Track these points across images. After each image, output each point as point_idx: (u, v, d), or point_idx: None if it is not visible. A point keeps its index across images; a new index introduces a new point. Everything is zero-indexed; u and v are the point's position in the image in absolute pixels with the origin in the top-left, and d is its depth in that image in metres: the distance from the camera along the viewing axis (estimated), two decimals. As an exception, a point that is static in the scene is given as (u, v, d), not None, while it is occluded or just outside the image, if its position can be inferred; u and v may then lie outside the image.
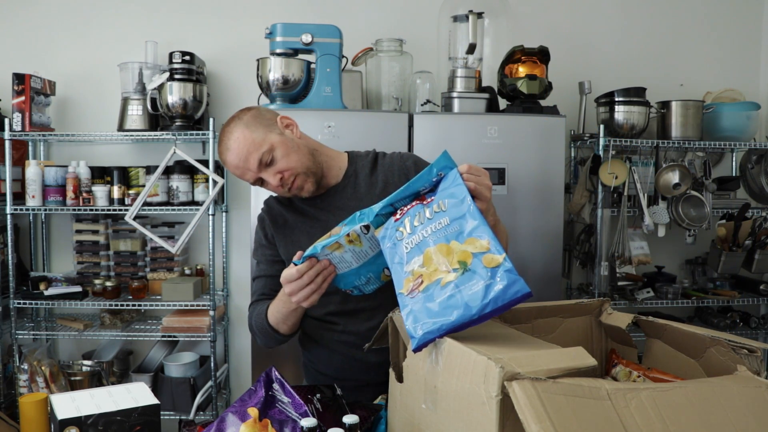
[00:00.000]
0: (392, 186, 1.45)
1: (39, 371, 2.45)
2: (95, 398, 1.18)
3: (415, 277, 0.96)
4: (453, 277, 0.92)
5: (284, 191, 1.40)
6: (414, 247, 1.00)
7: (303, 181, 1.39)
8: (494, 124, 2.15)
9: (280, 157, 1.36)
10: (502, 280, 0.88)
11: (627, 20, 2.88)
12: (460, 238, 0.96)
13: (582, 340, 1.27)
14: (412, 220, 1.04)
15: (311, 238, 1.42)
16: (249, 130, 1.36)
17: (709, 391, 0.85)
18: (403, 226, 1.04)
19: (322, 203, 1.46)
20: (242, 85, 2.75)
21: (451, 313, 0.89)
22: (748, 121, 2.60)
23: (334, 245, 1.14)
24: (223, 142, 1.38)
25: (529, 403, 0.73)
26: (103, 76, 2.74)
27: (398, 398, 1.06)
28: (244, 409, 1.11)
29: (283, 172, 1.36)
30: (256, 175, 1.37)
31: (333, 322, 1.46)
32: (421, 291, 0.94)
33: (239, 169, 1.37)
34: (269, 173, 1.36)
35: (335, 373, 1.48)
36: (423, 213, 1.03)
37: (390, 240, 1.06)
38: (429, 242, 0.98)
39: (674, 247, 2.85)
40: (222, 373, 2.72)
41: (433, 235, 0.98)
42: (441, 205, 1.02)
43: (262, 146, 1.34)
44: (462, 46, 2.32)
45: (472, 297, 0.89)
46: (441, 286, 0.92)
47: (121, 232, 2.72)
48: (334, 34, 2.27)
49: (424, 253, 0.97)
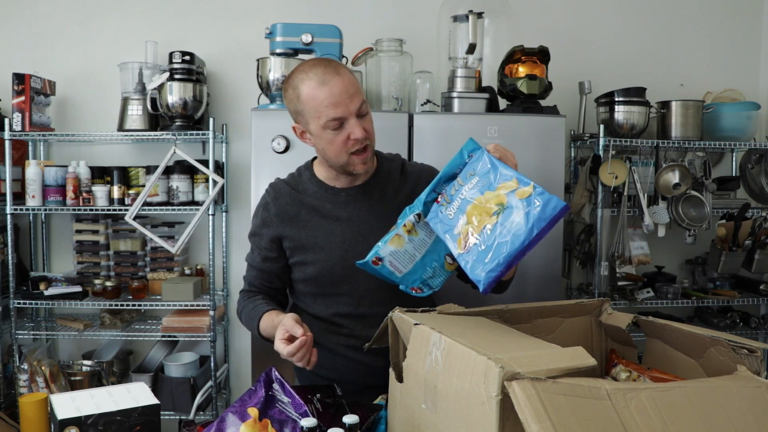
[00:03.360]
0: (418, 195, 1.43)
1: (39, 371, 2.45)
2: (95, 398, 1.18)
3: (464, 234, 1.05)
4: (495, 219, 1.02)
5: (347, 152, 1.33)
6: (456, 211, 1.08)
7: (370, 156, 1.37)
8: (494, 124, 2.15)
9: (369, 121, 1.35)
10: (538, 203, 0.98)
11: (627, 20, 2.88)
12: (491, 188, 1.06)
13: (582, 340, 1.27)
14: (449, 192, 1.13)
15: (330, 235, 1.40)
16: (356, 79, 1.33)
17: (709, 391, 0.85)
18: (443, 200, 1.13)
19: (347, 198, 1.42)
20: (242, 85, 2.75)
21: (503, 247, 0.99)
22: (748, 121, 2.59)
23: (395, 238, 1.15)
24: (328, 66, 1.30)
25: (529, 403, 0.73)
26: (103, 76, 2.74)
27: (398, 398, 1.06)
28: (244, 409, 1.11)
29: (367, 130, 1.33)
30: (347, 112, 1.29)
31: (340, 325, 1.44)
32: (473, 244, 1.04)
33: (338, 97, 1.27)
34: (359, 121, 1.31)
35: (337, 376, 1.44)
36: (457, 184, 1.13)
37: (437, 218, 1.12)
38: (467, 202, 1.07)
39: (674, 247, 2.85)
40: (222, 373, 2.72)
41: (468, 194, 1.08)
42: (472, 172, 1.12)
43: (363, 98, 1.33)
44: (462, 46, 2.32)
45: (517, 227, 0.99)
46: (489, 232, 1.02)
47: (121, 232, 2.72)
48: (334, 34, 2.27)
49: (466, 212, 1.06)
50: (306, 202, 1.44)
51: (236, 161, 2.80)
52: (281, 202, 1.45)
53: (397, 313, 1.11)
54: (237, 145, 2.80)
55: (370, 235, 1.40)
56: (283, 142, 2.11)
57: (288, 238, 1.44)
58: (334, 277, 1.41)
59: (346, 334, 1.44)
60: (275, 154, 2.11)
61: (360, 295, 1.42)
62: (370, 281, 1.40)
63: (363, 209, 1.42)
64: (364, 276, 1.39)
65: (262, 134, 2.12)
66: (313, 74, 1.30)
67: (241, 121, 2.75)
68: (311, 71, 1.30)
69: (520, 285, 2.19)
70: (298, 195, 1.45)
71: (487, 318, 1.14)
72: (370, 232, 1.40)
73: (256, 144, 2.13)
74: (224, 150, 2.76)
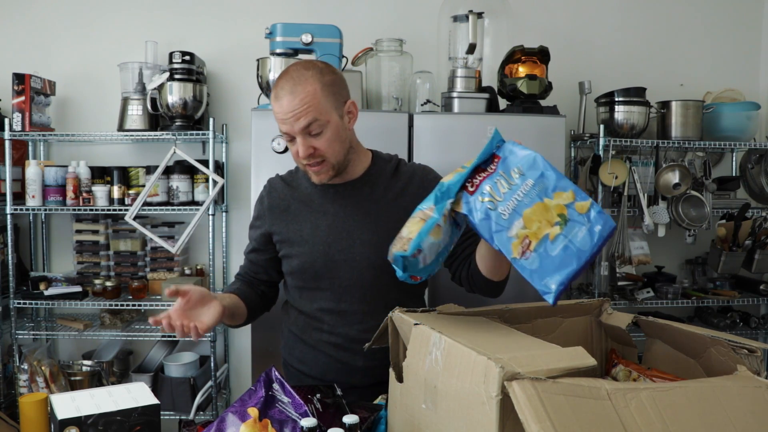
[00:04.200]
0: (409, 194, 1.43)
1: (39, 371, 2.45)
2: (95, 398, 1.18)
3: (521, 239, 1.04)
4: (558, 230, 1.03)
5: (301, 162, 1.34)
6: (512, 212, 1.06)
7: (325, 169, 1.35)
8: (494, 124, 2.14)
9: (325, 138, 1.31)
10: (598, 221, 1.02)
11: (627, 20, 2.88)
12: (548, 194, 1.06)
13: (582, 340, 1.27)
14: (495, 188, 1.09)
15: (315, 229, 1.41)
16: (322, 93, 1.29)
17: (709, 391, 0.85)
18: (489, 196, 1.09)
19: (335, 195, 1.43)
20: (242, 85, 2.75)
21: (571, 261, 1.01)
22: (748, 121, 2.59)
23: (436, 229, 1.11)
24: (289, 80, 1.29)
25: (529, 403, 0.73)
26: (103, 76, 2.74)
27: (398, 398, 1.06)
28: (244, 409, 1.11)
29: (316, 150, 1.32)
30: (292, 132, 1.30)
31: (321, 320, 1.44)
32: (533, 250, 1.03)
33: (285, 116, 1.28)
34: (305, 141, 1.30)
35: (319, 375, 1.45)
36: (503, 181, 1.10)
37: (479, 212, 1.09)
38: (524, 205, 1.06)
39: (674, 247, 2.85)
40: (222, 373, 2.72)
41: (525, 197, 1.06)
42: (518, 170, 1.10)
43: (321, 115, 1.29)
44: (462, 46, 2.32)
45: (582, 243, 1.02)
46: (551, 241, 1.02)
47: (121, 232, 2.72)
48: (334, 34, 2.27)
49: (524, 216, 1.05)
50: (297, 197, 1.46)
51: (236, 161, 2.80)
52: (274, 196, 1.48)
53: (397, 313, 1.11)
54: (237, 145, 2.80)
55: (354, 231, 1.41)
56: (283, 142, 2.11)
57: (277, 232, 1.46)
58: (316, 271, 1.42)
59: (328, 331, 1.44)
60: (275, 154, 2.11)
61: (341, 290, 1.42)
62: (352, 277, 1.41)
63: (350, 205, 1.42)
64: (346, 272, 1.41)
65: (262, 134, 2.12)
66: (278, 84, 1.31)
67: (241, 121, 2.75)
68: (279, 80, 1.32)
69: (520, 285, 2.18)
70: (291, 190, 1.48)
71: (487, 318, 1.14)
72: (353, 228, 1.41)
73: (256, 144, 2.13)
74: (224, 150, 2.76)
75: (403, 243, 1.10)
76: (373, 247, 1.40)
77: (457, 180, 1.12)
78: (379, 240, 1.40)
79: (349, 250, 1.40)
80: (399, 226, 1.42)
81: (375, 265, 1.40)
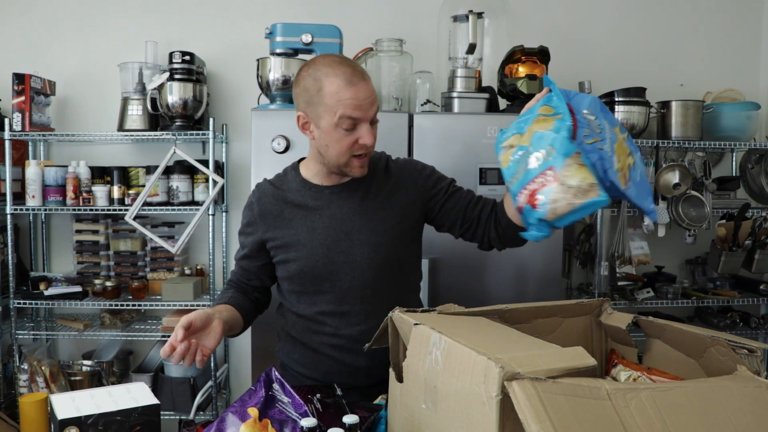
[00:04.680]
0: (402, 190, 1.45)
1: (39, 371, 2.45)
2: (95, 398, 1.18)
3: (623, 170, 1.17)
4: (631, 159, 1.21)
5: (360, 151, 1.35)
6: (610, 149, 1.16)
7: (368, 162, 1.39)
8: (494, 124, 2.15)
9: (376, 130, 1.38)
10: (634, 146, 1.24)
11: (627, 20, 2.88)
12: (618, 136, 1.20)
13: (582, 340, 1.27)
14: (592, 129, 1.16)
15: (312, 232, 1.41)
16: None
17: (709, 391, 0.85)
18: (591, 137, 1.15)
19: (331, 196, 1.43)
20: (242, 85, 2.75)
21: (645, 182, 1.24)
22: (748, 121, 2.59)
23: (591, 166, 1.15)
24: (356, 69, 1.33)
25: (529, 403, 0.73)
26: (103, 76, 2.74)
27: (398, 398, 1.06)
28: (244, 409, 1.11)
29: (374, 138, 1.36)
30: (366, 117, 1.32)
31: (323, 323, 1.43)
32: (630, 180, 1.19)
33: (362, 101, 1.31)
34: (372, 133, 1.34)
35: (321, 377, 1.44)
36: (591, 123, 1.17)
37: (593, 153, 1.14)
38: (613, 141, 1.17)
39: (674, 247, 2.85)
40: (222, 373, 2.72)
41: (611, 134, 1.18)
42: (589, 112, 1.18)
43: (378, 106, 1.38)
44: (462, 46, 2.32)
45: (641, 165, 1.24)
46: (632, 169, 1.20)
47: (121, 232, 2.72)
48: (334, 34, 2.27)
49: (615, 151, 1.16)
50: (289, 200, 1.44)
51: (236, 161, 2.80)
52: (264, 202, 1.46)
53: (397, 313, 1.11)
54: (237, 145, 2.80)
55: (353, 232, 1.40)
56: (283, 142, 2.11)
57: (271, 239, 1.44)
58: (316, 275, 1.41)
59: (329, 333, 1.43)
60: (275, 154, 2.11)
61: (343, 292, 1.41)
62: (353, 278, 1.40)
63: (346, 207, 1.42)
64: (346, 273, 1.40)
65: (262, 134, 2.13)
66: (341, 72, 1.30)
67: (241, 121, 2.75)
68: (339, 69, 1.31)
69: (520, 285, 2.19)
70: (281, 193, 1.45)
71: (487, 318, 1.13)
72: (352, 230, 1.40)
73: (256, 144, 2.13)
74: (224, 150, 2.76)
75: (586, 191, 1.07)
76: (372, 246, 1.40)
77: (568, 124, 1.11)
78: (378, 239, 1.40)
79: (349, 251, 1.40)
80: (395, 223, 1.42)
81: (375, 265, 1.40)
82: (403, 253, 1.46)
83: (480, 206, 1.46)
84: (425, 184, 1.47)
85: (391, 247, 1.42)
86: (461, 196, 1.48)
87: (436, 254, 2.10)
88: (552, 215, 1.09)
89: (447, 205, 1.47)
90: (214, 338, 1.27)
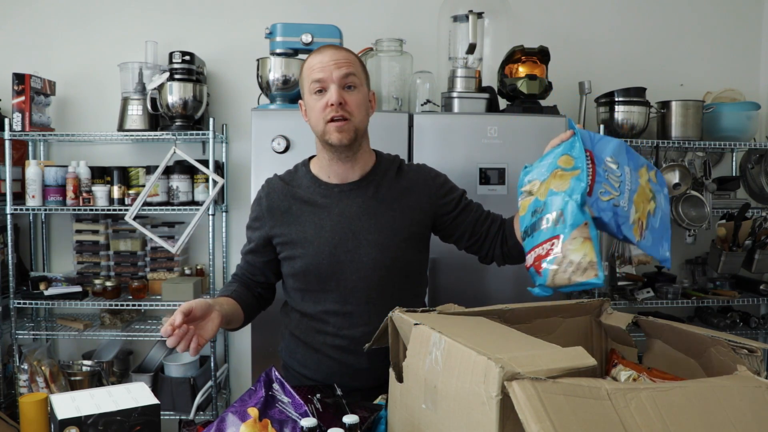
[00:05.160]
0: (413, 194, 1.44)
1: (39, 371, 2.45)
2: (95, 398, 1.18)
3: (638, 223, 1.16)
4: (653, 204, 1.19)
5: (325, 118, 1.34)
6: (628, 203, 1.15)
7: (347, 128, 1.35)
8: (494, 124, 2.15)
9: (355, 96, 1.36)
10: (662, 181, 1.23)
11: (627, 20, 2.88)
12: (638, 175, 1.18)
13: (582, 340, 1.27)
14: (610, 184, 1.16)
15: (320, 230, 1.40)
16: (359, 62, 1.40)
17: (709, 391, 0.85)
18: (608, 194, 1.14)
19: (340, 194, 1.42)
20: (242, 85, 2.75)
21: (667, 226, 1.22)
22: (748, 121, 2.59)
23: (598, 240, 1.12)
24: (333, 45, 1.40)
25: (529, 403, 0.73)
26: (103, 76, 2.74)
27: (398, 398, 1.05)
28: (244, 409, 1.11)
29: (346, 104, 1.34)
30: (329, 79, 1.33)
31: (326, 322, 1.43)
32: (646, 229, 1.17)
33: (325, 64, 1.34)
34: (338, 90, 1.33)
35: (323, 379, 1.43)
36: (611, 175, 1.16)
37: (607, 211, 1.14)
38: (633, 192, 1.16)
39: (674, 247, 2.81)
40: (222, 373, 2.72)
41: (632, 185, 1.16)
42: (612, 160, 1.18)
43: (357, 74, 1.37)
44: (462, 46, 2.32)
45: (665, 206, 1.22)
46: (653, 215, 1.18)
47: (121, 232, 2.72)
48: (334, 34, 2.27)
49: (634, 202, 1.16)
50: (298, 196, 1.44)
51: (236, 161, 2.80)
52: (273, 197, 1.45)
53: (397, 313, 1.11)
54: (237, 145, 2.80)
55: (360, 232, 1.39)
56: (283, 142, 2.11)
57: (278, 235, 1.44)
58: (321, 273, 1.40)
59: (332, 334, 1.43)
60: (275, 154, 2.11)
61: (347, 292, 1.41)
62: (358, 278, 1.40)
63: (355, 205, 1.41)
64: (352, 273, 1.40)
65: (262, 134, 2.13)
66: (318, 49, 1.39)
67: (241, 121, 2.75)
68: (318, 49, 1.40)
69: (520, 285, 2.19)
70: (290, 189, 1.45)
71: (487, 318, 1.13)
72: (360, 229, 1.40)
73: (256, 144, 2.13)
74: (224, 150, 2.76)
75: (585, 269, 1.07)
76: (379, 247, 1.39)
77: (583, 186, 1.10)
78: (385, 240, 1.40)
79: (356, 251, 1.39)
80: (403, 226, 1.42)
81: (381, 266, 1.40)
82: (410, 257, 1.46)
83: (489, 222, 1.48)
84: (437, 193, 1.47)
85: (398, 249, 1.41)
86: (472, 210, 1.49)
87: (436, 254, 2.09)
88: (551, 284, 1.11)
89: (459, 217, 1.48)
90: (210, 330, 1.26)
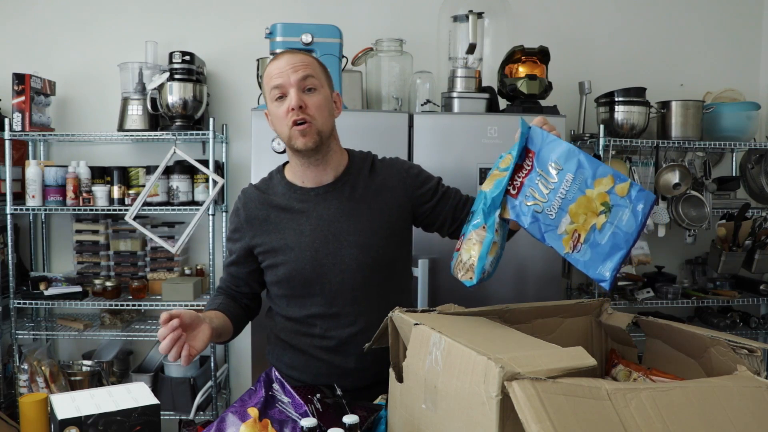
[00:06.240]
0: (389, 189, 1.44)
1: (39, 371, 2.45)
2: (95, 398, 1.18)
3: (571, 234, 1.08)
4: (604, 218, 1.07)
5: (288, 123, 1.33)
6: (558, 211, 1.09)
7: (311, 131, 1.34)
8: (494, 124, 2.15)
9: (316, 99, 1.34)
10: (639, 200, 1.06)
11: (627, 20, 2.88)
12: (588, 185, 1.08)
13: (582, 340, 1.27)
14: (537, 189, 1.11)
15: (300, 235, 1.40)
16: (318, 64, 1.38)
17: (709, 391, 0.85)
18: (533, 199, 1.11)
19: (317, 198, 1.42)
20: (242, 85, 2.75)
21: (620, 245, 1.06)
22: (748, 121, 2.59)
23: (493, 247, 1.13)
24: (286, 51, 1.39)
25: (529, 403, 0.73)
26: (103, 76, 2.74)
27: (398, 398, 1.05)
28: (244, 409, 1.11)
29: (307, 107, 1.33)
30: (287, 83, 1.33)
31: (313, 325, 1.42)
32: (583, 242, 1.07)
33: (282, 69, 1.33)
34: (298, 93, 1.32)
35: (311, 380, 1.42)
36: (543, 180, 1.11)
37: (527, 216, 1.11)
38: (568, 201, 1.08)
39: (674, 247, 2.85)
40: (222, 373, 2.72)
41: (568, 193, 1.08)
42: (555, 165, 1.11)
43: (316, 77, 1.35)
44: (462, 46, 2.32)
45: (627, 225, 1.06)
46: (599, 230, 1.07)
47: (121, 232, 2.72)
48: (334, 34, 2.26)
49: (569, 211, 1.08)
50: (275, 204, 1.43)
51: (236, 161, 2.80)
52: (250, 207, 1.45)
53: (397, 313, 1.11)
54: (237, 145, 2.80)
55: (341, 234, 1.39)
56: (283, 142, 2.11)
57: (258, 245, 1.43)
58: (305, 278, 1.40)
59: (319, 335, 1.42)
60: (275, 154, 2.11)
61: (332, 294, 1.40)
62: (342, 280, 1.39)
63: (332, 208, 1.40)
64: (336, 275, 1.39)
65: (262, 134, 2.12)
66: (276, 56, 1.38)
67: (241, 121, 2.75)
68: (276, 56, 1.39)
69: (520, 285, 2.19)
70: (267, 197, 1.44)
71: (487, 318, 1.13)
72: (340, 231, 1.39)
73: (256, 144, 2.13)
74: (224, 150, 2.76)
75: (467, 270, 1.12)
76: (361, 247, 1.39)
77: (500, 189, 1.12)
78: (366, 240, 1.40)
79: (337, 253, 1.39)
80: (382, 224, 1.42)
81: (364, 265, 1.39)
82: (393, 254, 1.45)
83: (468, 206, 1.46)
84: (413, 184, 1.46)
85: (380, 247, 1.41)
86: (450, 196, 1.48)
87: (436, 254, 2.09)
88: (453, 274, 1.16)
89: (438, 206, 1.47)
90: (201, 341, 1.25)
